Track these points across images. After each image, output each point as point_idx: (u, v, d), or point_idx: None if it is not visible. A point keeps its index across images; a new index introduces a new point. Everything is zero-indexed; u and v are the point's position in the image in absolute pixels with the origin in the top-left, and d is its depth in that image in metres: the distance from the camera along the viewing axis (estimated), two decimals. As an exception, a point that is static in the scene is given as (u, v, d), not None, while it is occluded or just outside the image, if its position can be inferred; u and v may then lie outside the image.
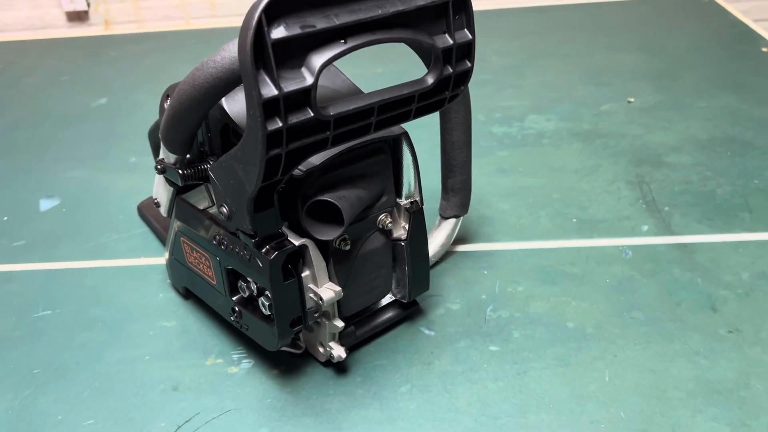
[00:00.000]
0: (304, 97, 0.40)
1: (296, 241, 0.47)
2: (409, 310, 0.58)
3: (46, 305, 0.63)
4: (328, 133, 0.42)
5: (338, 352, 0.51)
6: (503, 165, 0.80)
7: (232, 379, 0.53)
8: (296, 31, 0.38)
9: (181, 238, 0.56)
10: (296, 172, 0.46)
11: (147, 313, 0.61)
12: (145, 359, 0.56)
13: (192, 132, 0.48)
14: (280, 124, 0.39)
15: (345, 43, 0.41)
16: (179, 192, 0.56)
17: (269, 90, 0.38)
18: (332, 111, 0.41)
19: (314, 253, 0.48)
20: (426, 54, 0.47)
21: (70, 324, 0.60)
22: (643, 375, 0.51)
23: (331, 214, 0.48)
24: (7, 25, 2.03)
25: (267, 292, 0.48)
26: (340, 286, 0.50)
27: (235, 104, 0.48)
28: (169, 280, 0.64)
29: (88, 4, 2.04)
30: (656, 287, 0.60)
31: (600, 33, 1.21)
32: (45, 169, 0.87)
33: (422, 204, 0.53)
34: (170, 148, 0.50)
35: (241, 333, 0.56)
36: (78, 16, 2.08)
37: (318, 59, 0.40)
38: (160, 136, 0.50)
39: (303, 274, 0.48)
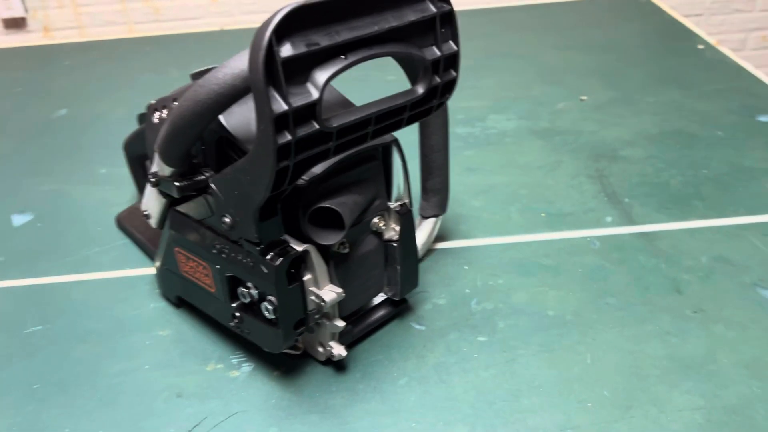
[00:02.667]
0: (310, 111, 0.42)
1: (299, 247, 0.49)
2: (400, 307, 0.61)
3: (36, 321, 0.63)
4: (331, 143, 0.45)
5: (338, 350, 0.54)
6: (470, 164, 0.84)
7: (234, 383, 0.55)
8: (302, 49, 0.41)
9: (175, 249, 0.58)
10: (299, 181, 0.48)
11: (140, 324, 0.62)
12: (145, 369, 0.57)
13: (191, 146, 0.50)
14: (289, 138, 0.41)
15: (346, 58, 0.43)
16: (173, 203, 0.57)
17: (279, 106, 0.40)
18: (335, 123, 0.44)
19: (316, 257, 0.50)
20: (412, 67, 0.50)
21: (63, 338, 0.61)
22: (621, 356, 0.56)
23: (330, 220, 0.50)
24: (-60, 34, 1.96)
25: (270, 297, 0.50)
26: (339, 287, 0.52)
27: (231, 117, 0.50)
28: (158, 290, 0.65)
29: (26, 10, 1.98)
30: (625, 274, 0.64)
31: (548, 33, 1.26)
32: (13, 184, 0.86)
33: (411, 206, 0.56)
34: (168, 162, 0.52)
35: (238, 337, 0.58)
36: (15, 23, 2.02)
37: (322, 75, 0.42)
38: (156, 150, 0.52)
39: (305, 278, 0.51)
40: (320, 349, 0.55)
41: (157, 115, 0.57)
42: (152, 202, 0.59)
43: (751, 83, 1.00)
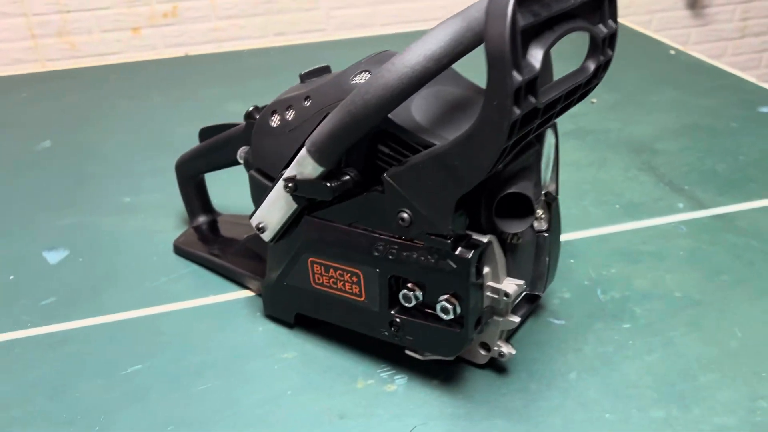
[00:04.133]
0: (532, 85, 0.40)
1: (483, 238, 0.47)
2: (535, 304, 0.58)
3: (131, 360, 0.55)
4: (536, 121, 0.43)
5: (508, 349, 0.51)
6: (520, 166, 0.84)
7: (397, 397, 0.51)
8: (530, 19, 0.39)
9: (309, 259, 0.53)
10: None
11: (257, 349, 0.56)
12: (288, 394, 0.51)
13: (358, 140, 0.46)
14: (518, 112, 0.39)
15: (554, 31, 0.42)
16: (303, 211, 0.52)
17: (516, 79, 0.38)
18: (543, 99, 0.42)
19: (497, 248, 0.48)
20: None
21: (173, 375, 0.53)
22: (766, 327, 0.56)
23: (511, 208, 0.48)
24: None
25: (447, 295, 0.47)
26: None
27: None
28: (261, 312, 0.59)
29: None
30: (724, 253, 0.66)
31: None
32: (29, 219, 0.76)
33: (557, 193, 0.55)
34: (323, 161, 0.47)
35: (376, 350, 0.54)
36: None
37: (539, 48, 0.40)
38: (311, 148, 0.47)
39: (483, 272, 0.48)
40: (482, 352, 0.52)
41: (276, 117, 0.53)
42: (275, 213, 0.53)
43: (736, 81, 1.07)
